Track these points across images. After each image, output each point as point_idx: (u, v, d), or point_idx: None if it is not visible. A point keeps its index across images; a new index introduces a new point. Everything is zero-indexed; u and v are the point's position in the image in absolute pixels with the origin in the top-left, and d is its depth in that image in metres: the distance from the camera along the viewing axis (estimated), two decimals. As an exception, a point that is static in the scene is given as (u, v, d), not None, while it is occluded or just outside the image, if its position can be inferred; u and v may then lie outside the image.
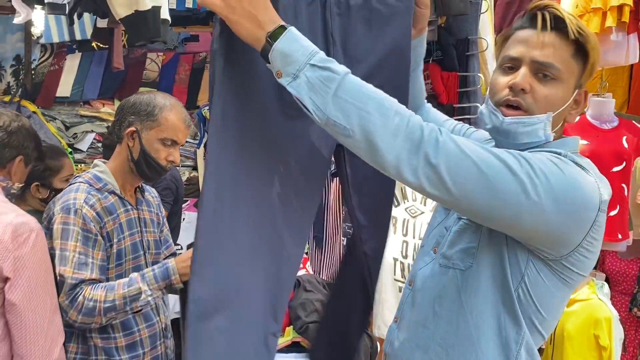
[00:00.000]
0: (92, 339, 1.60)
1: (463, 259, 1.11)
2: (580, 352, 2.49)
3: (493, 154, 1.00)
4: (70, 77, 4.33)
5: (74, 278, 1.50)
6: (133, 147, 1.65)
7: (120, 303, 1.51)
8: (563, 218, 1.01)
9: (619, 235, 2.56)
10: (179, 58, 4.78)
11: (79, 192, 1.60)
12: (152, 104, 1.63)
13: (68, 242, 1.53)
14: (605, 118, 2.60)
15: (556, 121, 1.08)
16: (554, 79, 1.06)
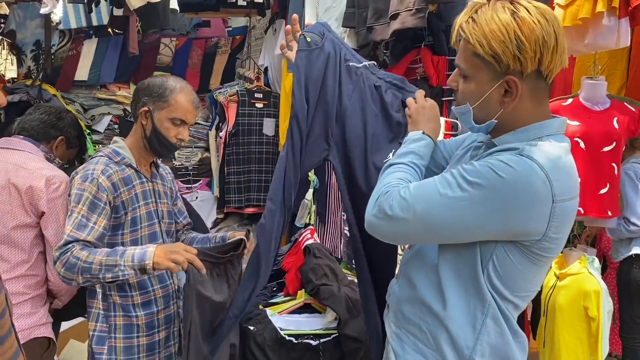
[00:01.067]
0: (112, 297, 1.78)
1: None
2: (570, 323, 2.61)
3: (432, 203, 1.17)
4: (88, 62, 4.48)
5: (70, 236, 1.66)
6: (146, 125, 1.81)
7: (96, 268, 1.62)
8: (517, 217, 1.13)
9: (609, 212, 2.65)
10: (192, 43, 4.90)
11: (98, 164, 1.77)
12: (164, 86, 1.80)
13: (78, 205, 1.70)
14: (597, 100, 2.68)
15: (486, 111, 1.19)
16: (466, 77, 1.20)
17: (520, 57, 1.11)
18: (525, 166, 1.11)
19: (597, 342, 2.51)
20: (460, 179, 1.14)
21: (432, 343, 1.27)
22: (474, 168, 1.14)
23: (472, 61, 1.17)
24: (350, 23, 2.46)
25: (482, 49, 1.13)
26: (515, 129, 1.19)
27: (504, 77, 1.14)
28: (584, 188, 2.59)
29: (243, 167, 3.91)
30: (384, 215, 1.19)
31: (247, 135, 3.93)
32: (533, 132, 1.17)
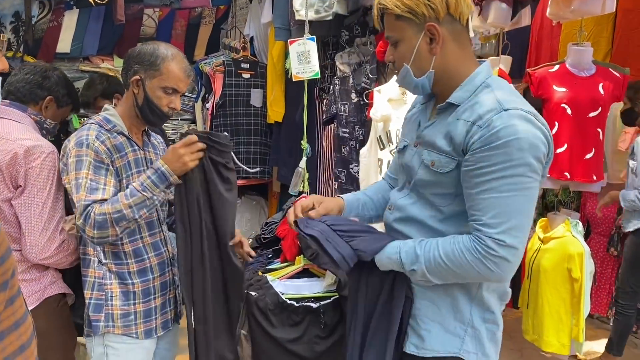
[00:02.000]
0: (107, 265, 1.79)
1: (443, 199, 1.35)
2: (554, 284, 2.68)
3: None
4: (69, 33, 4.39)
5: (87, 200, 1.65)
6: (138, 94, 1.78)
7: (129, 212, 1.65)
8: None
9: (593, 177, 2.70)
10: (175, 13, 4.83)
11: (90, 130, 1.74)
12: (155, 54, 1.75)
13: (81, 171, 1.68)
14: (583, 66, 2.70)
15: (421, 63, 1.34)
16: (396, 42, 1.36)
17: (429, 3, 1.28)
18: (519, 118, 1.24)
19: (580, 302, 2.59)
20: (501, 174, 1.22)
21: (440, 289, 1.37)
22: (498, 158, 1.22)
23: (396, 25, 1.33)
24: (339, -12, 2.45)
25: (399, 9, 1.30)
26: (452, 74, 1.33)
27: (424, 27, 1.30)
28: (571, 153, 2.64)
29: (231, 138, 3.90)
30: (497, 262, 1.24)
31: (234, 107, 3.91)
32: (476, 80, 1.32)
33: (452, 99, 1.32)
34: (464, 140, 1.26)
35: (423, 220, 1.38)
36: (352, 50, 2.83)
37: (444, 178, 1.32)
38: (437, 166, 1.32)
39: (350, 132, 2.83)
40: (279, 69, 3.59)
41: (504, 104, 1.24)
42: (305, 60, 2.50)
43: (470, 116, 1.27)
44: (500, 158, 1.21)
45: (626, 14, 3.23)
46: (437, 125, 1.36)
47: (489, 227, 1.23)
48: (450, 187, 1.32)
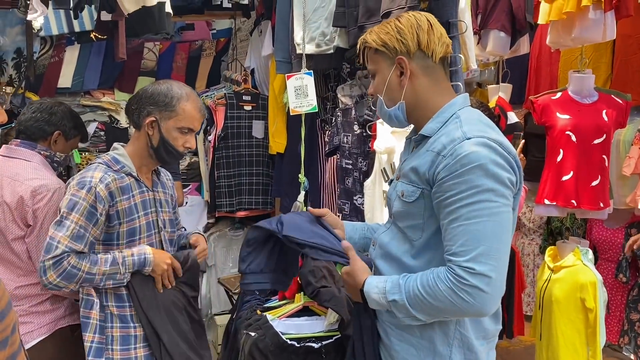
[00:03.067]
0: (109, 307, 1.77)
1: (414, 232, 1.38)
2: (567, 315, 2.63)
3: None
4: (71, 68, 4.41)
5: (67, 247, 1.63)
6: (153, 135, 1.76)
7: (98, 278, 1.68)
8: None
9: (600, 204, 2.68)
10: (176, 46, 4.87)
11: (96, 171, 1.73)
12: (170, 94, 1.74)
13: (72, 212, 1.65)
14: (586, 93, 2.71)
15: (392, 95, 1.41)
16: (374, 76, 1.45)
17: (401, 39, 1.36)
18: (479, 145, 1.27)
19: (595, 333, 2.54)
20: (466, 201, 1.23)
21: (417, 330, 1.38)
22: (462, 186, 1.24)
23: (373, 58, 1.43)
24: (340, 22, 2.45)
25: (374, 43, 1.40)
26: (423, 106, 1.39)
27: (395, 60, 1.38)
28: (577, 180, 2.62)
29: (233, 170, 3.88)
30: (478, 290, 1.23)
31: (236, 139, 3.90)
32: (447, 111, 1.37)
33: (424, 131, 1.38)
34: (428, 171, 1.30)
35: (398, 257, 1.40)
36: (353, 82, 2.84)
37: (412, 207, 1.35)
38: (406, 196, 1.37)
39: (354, 163, 2.82)
40: (281, 101, 3.60)
41: (467, 133, 1.27)
42: (302, 94, 2.50)
43: (436, 147, 1.30)
44: (465, 186, 1.23)
45: (625, 40, 3.25)
46: (412, 157, 1.41)
47: (457, 255, 1.23)
48: (418, 217, 1.35)
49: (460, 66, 1.98)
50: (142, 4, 1.90)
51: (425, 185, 1.31)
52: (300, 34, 2.64)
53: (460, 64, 1.98)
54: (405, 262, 1.38)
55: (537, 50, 3.66)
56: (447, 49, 1.40)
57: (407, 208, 1.37)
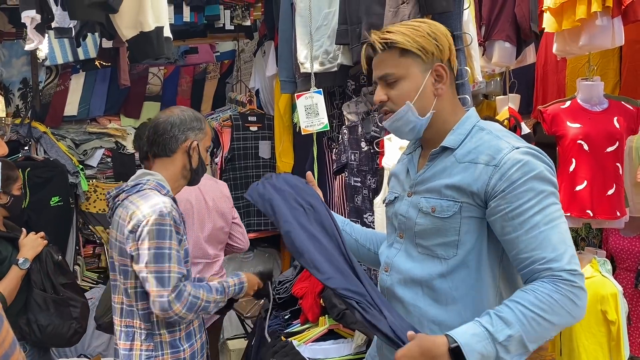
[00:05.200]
0: (160, 336, 1.75)
1: (447, 250, 1.29)
2: (589, 329, 2.55)
3: None
4: (76, 96, 4.43)
5: (178, 273, 1.65)
6: (193, 157, 1.83)
7: (212, 306, 1.73)
8: None
9: (617, 213, 2.62)
10: (180, 70, 4.88)
11: (159, 197, 1.71)
12: (198, 117, 1.87)
13: (166, 240, 1.65)
14: (595, 101, 2.66)
15: (424, 103, 1.32)
16: (396, 80, 1.33)
17: (439, 45, 1.30)
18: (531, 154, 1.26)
19: (619, 346, 2.46)
20: (538, 207, 1.20)
21: None
22: (529, 194, 1.21)
23: (401, 62, 1.31)
24: (343, 40, 2.44)
25: (409, 44, 1.29)
26: (445, 118, 1.34)
27: (432, 67, 1.31)
28: (591, 190, 2.56)
29: (241, 192, 3.85)
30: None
31: (243, 160, 3.88)
32: (467, 123, 1.33)
33: (446, 143, 1.33)
34: (474, 184, 1.25)
35: (426, 280, 1.30)
36: (359, 99, 2.81)
37: (446, 224, 1.28)
38: (439, 211, 1.28)
39: (362, 181, 2.78)
40: (286, 120, 3.59)
41: (513, 143, 1.26)
42: (313, 113, 2.48)
43: (477, 158, 1.26)
44: (532, 193, 1.20)
45: (632, 45, 3.20)
46: (432, 171, 1.34)
47: (556, 261, 1.17)
48: (452, 233, 1.27)
49: (467, 79, 1.95)
50: (139, 29, 1.91)
51: (468, 199, 1.25)
52: (304, 53, 2.63)
53: (467, 77, 1.95)
54: (434, 285, 1.29)
55: (542, 59, 3.63)
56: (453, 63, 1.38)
57: (440, 224, 1.28)
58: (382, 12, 2.17)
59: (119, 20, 1.87)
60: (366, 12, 2.29)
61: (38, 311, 2.21)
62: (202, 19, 3.80)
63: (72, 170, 3.92)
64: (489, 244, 1.27)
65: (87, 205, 4.13)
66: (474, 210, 1.26)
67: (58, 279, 2.31)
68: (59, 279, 2.32)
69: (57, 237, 3.52)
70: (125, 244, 1.68)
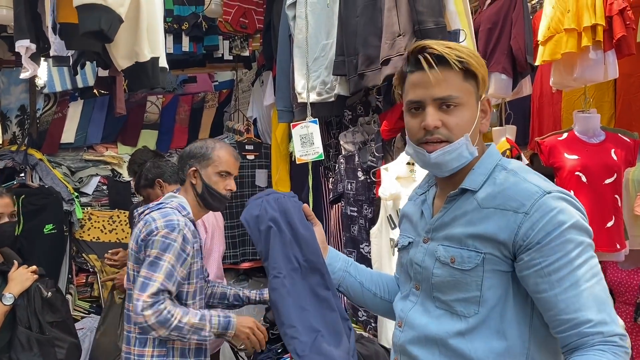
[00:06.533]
0: (173, 342, 1.83)
1: (467, 307, 1.15)
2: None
3: None
4: (74, 124, 4.44)
5: (162, 285, 1.72)
6: (196, 184, 1.94)
7: (187, 329, 1.73)
8: None
9: (617, 246, 2.60)
10: (179, 99, 4.92)
11: (176, 215, 1.84)
12: (205, 146, 1.97)
13: (166, 253, 1.75)
14: (592, 133, 2.67)
15: (474, 137, 1.18)
16: (457, 105, 1.14)
17: (485, 78, 1.17)
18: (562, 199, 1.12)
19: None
20: (578, 262, 1.07)
21: None
22: (568, 246, 1.07)
23: (464, 87, 1.15)
24: (340, 71, 2.45)
25: (476, 68, 1.14)
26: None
27: (480, 99, 1.17)
28: (591, 222, 2.51)
29: (237, 221, 3.82)
30: None
31: (239, 188, 3.86)
32: (487, 161, 1.19)
33: (466, 185, 1.17)
34: (502, 233, 1.10)
35: (443, 339, 1.15)
36: (355, 129, 2.82)
37: (467, 277, 1.13)
38: (459, 262, 1.14)
39: (359, 210, 2.76)
40: (283, 150, 3.59)
41: (543, 187, 1.11)
42: (308, 142, 2.48)
43: (504, 203, 1.11)
44: (570, 245, 1.06)
45: (626, 79, 3.23)
46: (450, 215, 1.19)
47: (606, 324, 1.04)
48: (474, 288, 1.13)
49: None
50: (135, 59, 1.92)
51: (493, 250, 1.11)
52: (302, 83, 2.64)
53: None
54: (453, 346, 1.14)
55: (538, 91, 3.66)
56: None
57: (460, 277, 1.14)
58: (379, 44, 2.19)
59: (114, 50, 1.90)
60: (363, 44, 2.31)
61: (20, 350, 2.12)
62: (201, 48, 3.84)
63: (67, 198, 3.90)
64: (515, 302, 1.13)
65: (81, 233, 4.09)
66: (499, 263, 1.12)
67: (45, 317, 2.22)
68: (47, 317, 2.23)
69: (49, 266, 3.47)
70: (139, 251, 1.81)
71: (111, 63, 2.00)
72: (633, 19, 2.55)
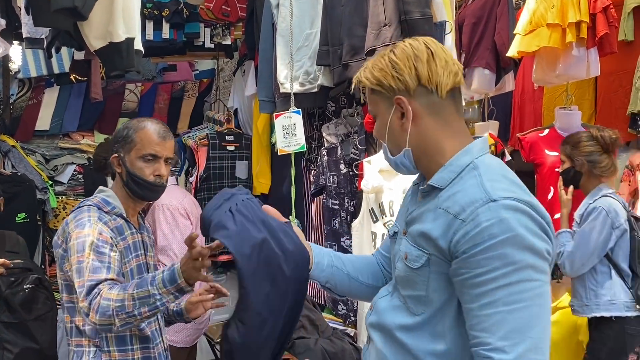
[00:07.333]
0: (110, 354, 1.63)
1: (416, 305, 1.15)
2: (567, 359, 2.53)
3: None
4: (49, 111, 4.32)
5: (91, 280, 1.51)
6: (121, 172, 1.74)
7: (130, 304, 1.47)
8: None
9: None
10: (158, 88, 4.82)
11: (91, 212, 1.66)
12: (127, 127, 1.74)
13: (84, 252, 1.56)
14: (573, 129, 2.68)
15: (397, 140, 1.19)
16: (375, 117, 1.24)
17: (397, 75, 1.15)
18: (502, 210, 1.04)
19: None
20: (502, 282, 1.00)
21: None
22: (495, 262, 1.00)
23: (371, 99, 1.22)
24: (324, 61, 2.42)
25: (368, 81, 1.19)
26: (432, 152, 1.17)
27: (393, 101, 1.17)
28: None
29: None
30: None
31: (219, 179, 3.80)
32: (461, 159, 1.14)
33: (433, 181, 1.14)
34: (442, 237, 1.07)
35: (391, 331, 1.17)
36: (338, 121, 2.79)
37: (416, 276, 1.12)
38: (410, 260, 1.14)
39: (341, 203, 2.73)
40: (264, 141, 3.54)
41: (491, 193, 1.04)
42: (290, 133, 2.44)
43: (451, 206, 1.07)
44: (499, 262, 0.99)
45: (606, 78, 3.26)
46: (420, 210, 1.18)
47: (500, 352, 0.98)
48: (421, 287, 1.12)
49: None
50: (109, 39, 1.84)
51: (436, 252, 1.09)
52: (285, 73, 2.60)
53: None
54: (398, 338, 1.15)
55: (520, 87, 3.67)
56: (456, 78, 1.15)
57: (411, 275, 1.14)
58: (364, 35, 2.16)
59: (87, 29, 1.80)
60: (348, 34, 2.27)
61: None
62: (182, 36, 3.76)
63: (41, 186, 3.79)
64: (459, 308, 1.08)
65: (55, 223, 3.99)
66: (444, 266, 1.08)
67: (0, 317, 2.06)
68: (2, 316, 2.08)
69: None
70: (62, 262, 1.64)
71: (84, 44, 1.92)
72: (615, 17, 2.57)
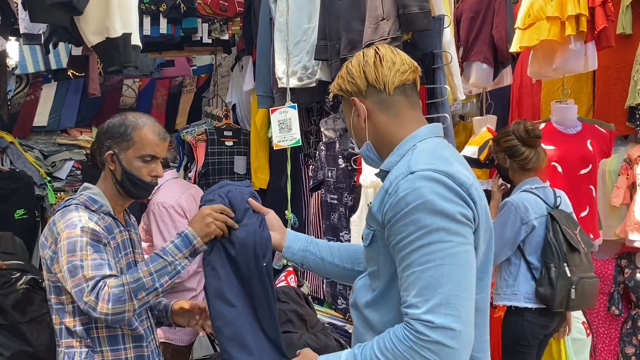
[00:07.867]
0: (103, 354, 1.60)
1: (374, 280, 1.27)
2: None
3: None
4: (47, 107, 4.32)
5: (94, 276, 1.49)
6: (115, 169, 1.68)
7: (148, 280, 1.48)
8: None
9: (590, 236, 2.63)
10: (156, 83, 4.82)
11: (79, 211, 1.60)
12: (125, 124, 1.67)
13: (76, 252, 1.52)
14: (569, 123, 2.70)
15: (359, 136, 1.34)
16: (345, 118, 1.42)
17: (351, 80, 1.31)
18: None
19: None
20: (416, 244, 1.11)
21: None
22: (410, 227, 1.12)
23: (343, 103, 1.39)
24: (322, 55, 2.41)
25: (334, 89, 1.37)
26: (386, 143, 1.30)
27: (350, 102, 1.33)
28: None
29: (215, 207, 3.78)
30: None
31: (217, 175, 3.81)
32: (407, 144, 1.27)
33: (383, 166, 1.29)
34: (378, 211, 1.19)
35: (359, 307, 1.29)
36: (337, 115, 2.79)
37: (369, 252, 1.27)
38: (364, 239, 1.29)
39: (339, 198, 2.74)
40: (263, 136, 3.54)
41: (412, 166, 1.16)
42: (286, 128, 2.44)
43: (385, 184, 1.21)
44: (413, 227, 1.10)
45: (604, 71, 3.27)
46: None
47: (413, 307, 1.09)
48: (374, 263, 1.25)
49: (446, 97, 1.94)
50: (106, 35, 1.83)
51: (378, 227, 1.21)
52: (282, 68, 2.60)
53: (447, 95, 1.94)
54: (365, 314, 1.27)
55: (518, 81, 3.68)
56: (403, 76, 1.28)
57: (367, 252, 1.28)
58: (362, 29, 2.16)
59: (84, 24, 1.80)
60: (346, 28, 2.27)
61: None
62: (179, 31, 3.75)
63: (39, 182, 3.80)
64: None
65: (54, 219, 4.00)
66: (385, 239, 1.19)
67: None
68: None
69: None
70: (51, 264, 1.59)
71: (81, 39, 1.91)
72: (613, 11, 2.58)
